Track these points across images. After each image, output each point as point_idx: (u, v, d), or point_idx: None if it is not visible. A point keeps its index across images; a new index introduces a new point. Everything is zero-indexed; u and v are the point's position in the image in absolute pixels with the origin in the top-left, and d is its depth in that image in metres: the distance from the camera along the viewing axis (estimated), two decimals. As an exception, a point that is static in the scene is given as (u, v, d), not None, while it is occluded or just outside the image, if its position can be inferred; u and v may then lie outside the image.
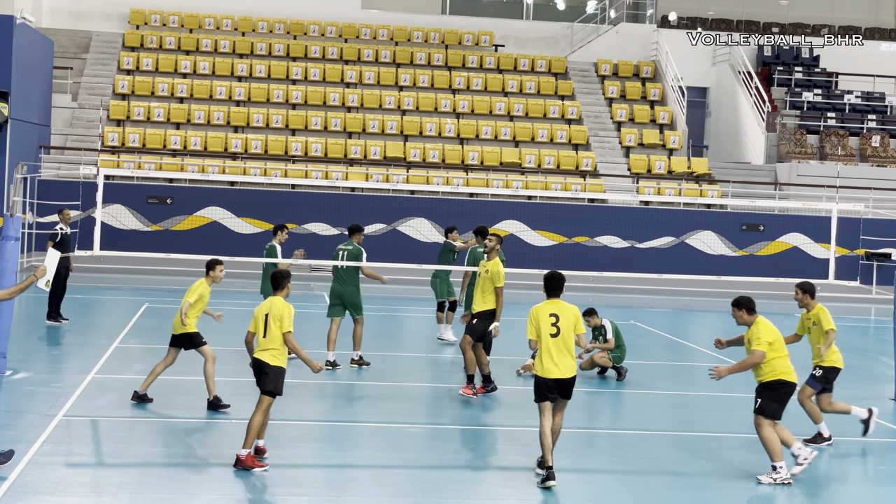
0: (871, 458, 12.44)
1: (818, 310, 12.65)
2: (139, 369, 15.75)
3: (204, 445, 11.39)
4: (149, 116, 33.52)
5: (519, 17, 41.39)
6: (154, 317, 20.73)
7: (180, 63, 35.83)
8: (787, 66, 40.32)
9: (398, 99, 35.54)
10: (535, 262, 29.13)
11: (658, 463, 11.52)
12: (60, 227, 19.47)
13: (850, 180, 33.86)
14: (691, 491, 10.67)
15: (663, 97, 37.91)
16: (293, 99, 34.96)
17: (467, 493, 10.19)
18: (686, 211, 31.96)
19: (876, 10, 44.55)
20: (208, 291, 13.09)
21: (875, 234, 31.87)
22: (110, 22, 38.06)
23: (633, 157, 34.67)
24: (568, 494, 10.21)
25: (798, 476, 11.00)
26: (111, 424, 12.26)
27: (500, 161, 33.63)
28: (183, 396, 13.76)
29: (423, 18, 39.74)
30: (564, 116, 36.10)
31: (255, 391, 10.84)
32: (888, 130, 37.84)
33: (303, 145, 33.00)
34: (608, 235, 31.00)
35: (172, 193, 29.91)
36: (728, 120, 39.83)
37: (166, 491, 9.73)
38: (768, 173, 36.03)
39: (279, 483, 10.15)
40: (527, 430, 12.78)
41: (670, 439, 12.79)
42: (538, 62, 38.18)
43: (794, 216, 32.28)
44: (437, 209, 30.57)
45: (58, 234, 19.15)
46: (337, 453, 11.43)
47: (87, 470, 10.47)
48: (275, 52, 37.18)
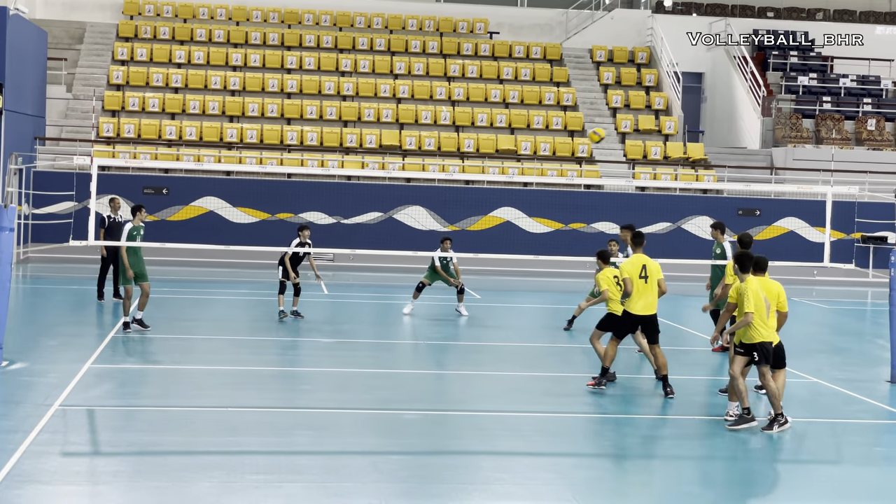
0: (865, 440, 12.45)
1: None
2: (135, 359, 15.78)
3: (198, 434, 11.40)
4: (144, 107, 33.47)
5: (513, 4, 41.34)
6: (150, 306, 20.72)
7: (175, 53, 35.77)
8: (782, 51, 40.29)
9: (393, 87, 35.50)
10: (532, 248, 29.18)
11: (670, 449, 11.55)
12: (109, 214, 21.19)
13: (846, 164, 33.87)
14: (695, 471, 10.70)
15: (659, 83, 37.88)
16: (288, 88, 34.92)
17: (463, 479, 10.20)
18: (682, 196, 31.96)
19: (871, -7, 44.49)
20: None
21: (871, 217, 31.88)
22: (104, 12, 37.99)
23: (629, 143, 34.65)
24: (571, 480, 10.23)
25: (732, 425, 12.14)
26: (107, 413, 12.28)
27: (495, 148, 33.61)
28: (178, 386, 13.77)
29: (417, 6, 39.68)
30: (560, 103, 36.07)
31: (243, 379, 10.80)
32: (883, 114, 37.83)
33: (298, 134, 32.97)
34: (604, 222, 31.00)
35: (168, 184, 29.89)
36: (723, 105, 39.80)
37: (162, 479, 9.73)
38: (764, 158, 36.03)
39: (275, 470, 10.16)
40: (523, 416, 12.79)
41: (665, 423, 12.81)
42: (533, 49, 38.13)
43: (790, 200, 32.29)
44: (433, 197, 30.57)
45: (105, 221, 21.05)
46: (333, 440, 11.43)
47: (83, 459, 10.48)
48: (269, 42, 37.11)
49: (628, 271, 13.90)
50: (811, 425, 12.75)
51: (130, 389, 13.58)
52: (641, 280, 13.90)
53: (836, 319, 24.27)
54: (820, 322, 23.50)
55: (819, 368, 16.80)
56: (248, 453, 10.74)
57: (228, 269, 28.29)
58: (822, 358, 18.02)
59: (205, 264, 28.75)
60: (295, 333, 18.49)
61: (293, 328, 18.92)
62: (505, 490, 9.95)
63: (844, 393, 14.90)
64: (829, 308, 26.03)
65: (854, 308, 26.78)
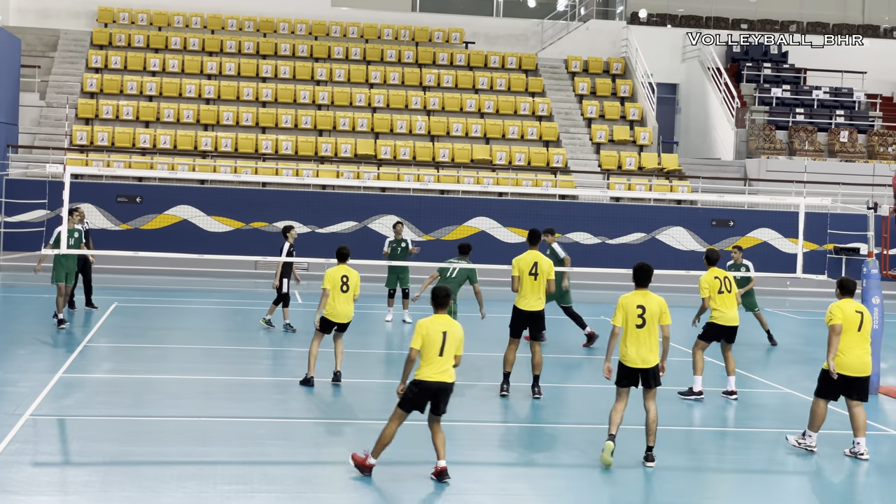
0: (836, 450, 12.50)
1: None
2: (107, 368, 15.68)
3: (170, 444, 11.34)
4: (118, 115, 33.34)
5: (489, 14, 41.44)
6: (123, 316, 20.63)
7: (149, 61, 35.66)
8: (755, 63, 40.54)
9: (368, 96, 35.50)
10: (507, 258, 29.06)
11: (633, 457, 11.57)
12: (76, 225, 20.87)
13: (819, 175, 34.08)
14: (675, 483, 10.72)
15: (633, 94, 38.04)
16: (263, 97, 34.86)
17: (435, 488, 10.19)
18: (656, 207, 32.08)
19: (843, 6, 44.84)
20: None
21: (843, 228, 32.08)
22: (78, 20, 37.83)
23: (604, 153, 34.77)
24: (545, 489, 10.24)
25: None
26: (78, 423, 12.20)
27: (470, 158, 33.65)
28: (151, 396, 13.70)
29: (393, 16, 39.72)
30: (535, 113, 36.16)
31: (215, 389, 10.79)
32: (856, 126, 38.10)
33: (273, 143, 32.91)
34: (579, 232, 31.08)
35: (142, 192, 29.78)
36: (698, 116, 40.00)
37: (133, 489, 9.68)
38: (738, 169, 36.21)
39: (248, 480, 10.12)
40: (494, 426, 12.80)
41: (638, 433, 12.84)
42: (508, 59, 38.22)
43: (763, 212, 32.46)
44: (408, 206, 30.57)
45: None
46: (305, 450, 11.41)
47: (54, 469, 10.42)
48: (244, 50, 37.06)
49: (519, 268, 14.30)
50: (783, 436, 12.79)
51: (102, 399, 13.49)
52: (531, 277, 14.25)
53: (809, 330, 24.38)
54: (793, 332, 23.61)
55: (791, 379, 16.89)
56: (220, 463, 10.69)
57: (202, 277, 28.19)
58: (795, 368, 18.12)
59: (178, 273, 28.64)
60: (267, 343, 18.44)
61: (266, 338, 18.86)
62: (476, 500, 9.95)
63: (816, 403, 14.94)
64: (801, 319, 26.17)
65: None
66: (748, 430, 13.63)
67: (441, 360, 10.21)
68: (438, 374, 10.20)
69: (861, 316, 11.73)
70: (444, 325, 10.30)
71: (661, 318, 11.30)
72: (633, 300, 11.29)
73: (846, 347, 11.62)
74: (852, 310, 11.73)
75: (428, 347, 10.20)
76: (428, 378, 10.19)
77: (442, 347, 10.20)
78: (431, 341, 10.19)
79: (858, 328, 11.68)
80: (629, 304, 11.27)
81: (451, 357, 10.29)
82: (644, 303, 11.28)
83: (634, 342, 11.22)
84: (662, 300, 11.38)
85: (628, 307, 11.26)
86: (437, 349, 10.19)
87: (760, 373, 17.38)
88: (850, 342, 11.63)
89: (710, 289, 14.78)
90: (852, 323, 11.67)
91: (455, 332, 10.34)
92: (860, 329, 11.69)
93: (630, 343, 11.25)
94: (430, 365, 10.19)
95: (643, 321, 11.20)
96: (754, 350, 19.63)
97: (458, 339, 10.34)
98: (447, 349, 10.24)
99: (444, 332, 10.26)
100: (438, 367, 10.20)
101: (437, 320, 10.31)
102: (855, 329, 11.67)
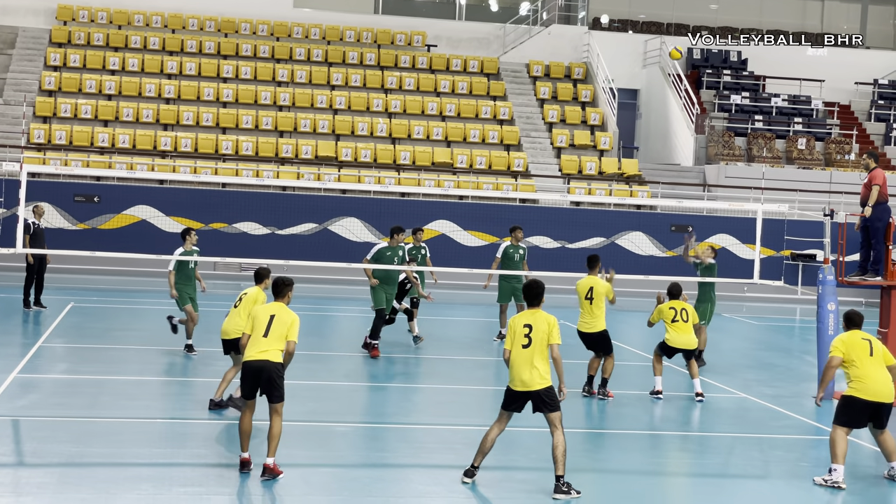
0: (792, 455, 12.61)
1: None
2: (63, 369, 15.55)
3: (126, 445, 11.26)
4: (76, 113, 33.06)
5: (452, 17, 41.46)
6: (79, 316, 20.47)
7: (109, 60, 35.38)
8: (715, 70, 40.83)
9: (330, 98, 35.43)
10: (467, 261, 29.15)
11: (600, 463, 11.61)
12: (33, 220, 21.10)
13: (776, 182, 34.36)
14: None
15: (594, 99, 38.20)
16: (224, 97, 34.69)
17: (394, 492, 10.18)
18: (616, 212, 32.23)
19: (803, 14, 45.28)
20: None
21: (800, 234, 32.35)
22: (37, 17, 37.47)
23: (565, 157, 34.89)
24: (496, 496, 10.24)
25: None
26: (33, 424, 12.09)
27: (432, 161, 33.66)
28: (107, 397, 13.59)
29: (355, 18, 39.64)
30: (496, 117, 36.23)
31: (171, 391, 10.73)
32: (814, 133, 38.46)
33: (233, 144, 32.76)
34: (539, 236, 31.15)
35: (100, 192, 29.54)
36: (658, 122, 40.23)
37: (88, 491, 9.60)
38: (697, 175, 36.45)
39: (203, 482, 10.07)
40: (455, 429, 12.80)
41: (601, 437, 12.88)
42: (470, 62, 38.27)
43: (722, 217, 32.69)
44: (369, 209, 30.52)
45: (30, 228, 20.81)
46: (263, 452, 11.35)
47: (8, 470, 10.31)
48: (205, 50, 36.86)
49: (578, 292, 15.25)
50: (738, 440, 12.89)
51: (57, 400, 13.37)
52: (587, 301, 15.39)
53: (765, 335, 24.59)
54: (749, 338, 23.80)
55: (747, 384, 17.02)
56: (176, 465, 10.63)
57: (160, 278, 27.95)
58: (751, 373, 18.25)
59: (136, 273, 28.43)
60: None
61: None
62: (436, 503, 9.95)
63: (772, 408, 15.10)
64: (758, 324, 26.38)
65: (783, 324, 27.16)
66: (705, 434, 13.71)
67: (265, 341, 10.51)
68: (260, 353, 10.49)
69: (869, 343, 11.41)
70: (275, 309, 10.69)
71: (550, 337, 10.45)
72: (520, 320, 10.53)
73: (863, 376, 11.27)
74: (858, 339, 11.41)
75: (256, 329, 10.58)
76: (249, 357, 10.51)
77: (267, 329, 10.53)
78: (259, 323, 10.59)
79: (870, 354, 11.34)
80: (516, 325, 10.51)
81: (278, 339, 10.52)
82: (532, 321, 10.46)
83: (515, 363, 10.47)
84: (553, 319, 10.52)
85: (515, 327, 10.51)
86: (262, 330, 10.54)
87: (716, 377, 17.49)
88: (865, 370, 11.29)
89: (664, 318, 15.53)
90: (862, 352, 11.36)
91: (283, 316, 10.62)
92: (872, 354, 11.34)
93: (512, 364, 10.50)
94: (255, 345, 10.53)
95: (529, 341, 10.39)
96: (709, 354, 19.76)
97: (287, 324, 10.58)
98: (273, 331, 10.54)
99: (272, 316, 10.60)
100: (261, 347, 10.50)
101: (270, 305, 10.82)
102: (866, 356, 11.34)
